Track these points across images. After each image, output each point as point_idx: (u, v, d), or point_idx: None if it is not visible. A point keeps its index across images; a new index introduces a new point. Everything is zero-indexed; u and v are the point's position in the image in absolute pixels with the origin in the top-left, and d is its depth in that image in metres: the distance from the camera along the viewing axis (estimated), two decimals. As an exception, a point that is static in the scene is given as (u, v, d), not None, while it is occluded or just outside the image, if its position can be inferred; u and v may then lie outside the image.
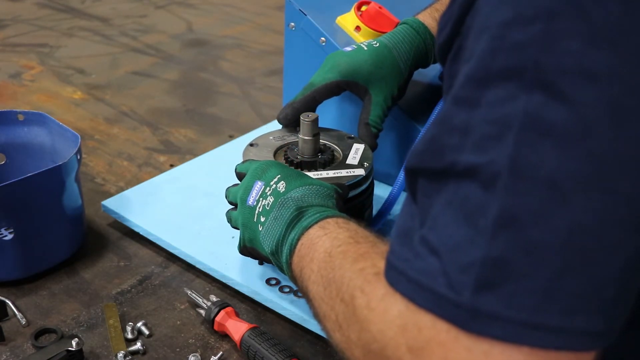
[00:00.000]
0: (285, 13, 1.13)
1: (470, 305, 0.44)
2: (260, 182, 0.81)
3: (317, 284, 0.64)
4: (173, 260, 1.00)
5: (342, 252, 0.63)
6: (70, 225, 0.98)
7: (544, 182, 0.43)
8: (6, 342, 0.85)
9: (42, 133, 1.05)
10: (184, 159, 1.27)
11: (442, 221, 0.47)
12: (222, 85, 1.61)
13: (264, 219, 0.78)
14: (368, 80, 0.97)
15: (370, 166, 0.93)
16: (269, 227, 0.76)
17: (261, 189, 0.80)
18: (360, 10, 1.10)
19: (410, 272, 0.48)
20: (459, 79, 0.48)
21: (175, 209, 1.07)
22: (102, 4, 2.15)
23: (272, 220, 0.76)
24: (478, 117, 0.46)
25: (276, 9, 2.09)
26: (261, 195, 0.80)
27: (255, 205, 0.80)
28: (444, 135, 0.48)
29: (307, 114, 0.93)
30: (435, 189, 0.49)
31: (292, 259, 0.72)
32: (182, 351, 0.85)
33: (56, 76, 1.63)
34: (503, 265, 0.44)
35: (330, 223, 0.70)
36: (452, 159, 0.47)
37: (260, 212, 0.79)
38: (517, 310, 0.44)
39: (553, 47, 0.44)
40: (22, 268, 0.94)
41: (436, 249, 0.47)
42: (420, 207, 0.51)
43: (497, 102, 0.45)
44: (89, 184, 1.18)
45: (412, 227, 0.51)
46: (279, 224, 0.75)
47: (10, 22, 1.98)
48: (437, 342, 0.46)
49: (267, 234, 0.77)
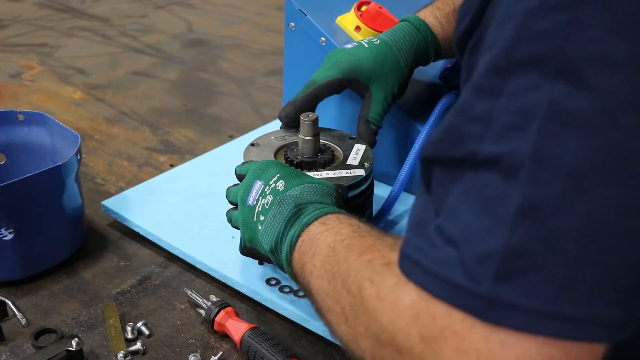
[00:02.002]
0: (285, 13, 1.13)
1: (489, 295, 0.44)
2: (259, 182, 0.81)
3: (320, 278, 0.64)
4: (173, 260, 1.00)
5: (346, 246, 0.62)
6: (70, 225, 0.98)
7: (566, 172, 0.43)
8: (6, 342, 0.85)
9: (42, 133, 1.05)
10: (184, 159, 1.27)
11: (460, 211, 0.47)
12: (222, 85, 1.61)
13: (263, 217, 0.78)
14: (369, 77, 0.96)
15: (370, 167, 0.93)
16: (268, 225, 0.76)
17: (261, 188, 0.81)
18: (360, 10, 1.10)
19: (425, 262, 0.48)
20: (480, 67, 0.48)
21: (175, 209, 1.07)
22: (102, 4, 2.15)
23: (271, 218, 0.76)
24: (500, 107, 0.46)
25: (276, 9, 2.09)
26: (260, 195, 0.80)
27: (255, 205, 0.80)
28: (464, 125, 0.48)
29: (307, 114, 0.93)
30: (452, 179, 0.49)
31: (292, 256, 0.72)
32: (182, 351, 0.85)
33: (56, 76, 1.63)
34: (523, 255, 0.44)
35: (331, 219, 0.70)
36: (472, 148, 0.47)
37: (259, 211, 0.79)
38: (535, 300, 0.44)
39: (578, 36, 0.43)
40: (22, 268, 0.94)
41: (453, 239, 0.47)
42: (435, 197, 0.50)
43: (520, 91, 0.45)
44: (89, 184, 1.18)
45: (427, 217, 0.50)
46: (277, 221, 0.75)
47: (10, 22, 1.98)
48: (451, 331, 0.46)
49: (266, 232, 0.77)
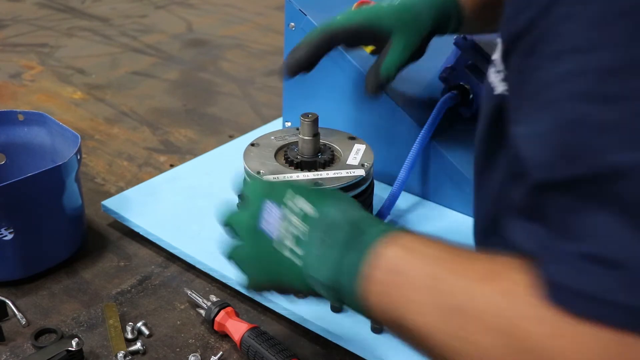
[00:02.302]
0: (285, 13, 1.13)
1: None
2: (271, 203, 0.67)
3: (425, 315, 0.53)
4: (173, 260, 1.00)
5: (452, 272, 0.53)
6: (70, 225, 0.98)
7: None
8: (6, 342, 0.85)
9: (42, 133, 1.05)
10: (184, 159, 1.27)
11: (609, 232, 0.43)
12: (222, 85, 1.61)
13: (303, 249, 0.63)
14: (390, 27, 0.92)
15: (370, 166, 0.93)
16: (316, 256, 0.62)
17: (280, 214, 0.66)
18: (360, 10, 1.10)
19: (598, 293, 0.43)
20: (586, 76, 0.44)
21: (175, 209, 1.07)
22: (102, 4, 2.15)
23: (318, 244, 0.62)
24: (631, 110, 0.42)
25: (276, 9, 2.09)
26: (283, 219, 0.65)
27: (282, 236, 0.65)
28: (586, 138, 0.44)
29: (307, 114, 0.93)
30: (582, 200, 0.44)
31: (361, 287, 0.58)
32: (182, 351, 0.85)
33: (56, 76, 1.63)
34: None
35: (405, 238, 0.58)
36: (606, 160, 0.43)
37: (284, 237, 0.65)
38: None
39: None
40: (22, 268, 0.94)
41: (617, 262, 0.42)
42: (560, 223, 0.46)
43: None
44: (89, 184, 1.18)
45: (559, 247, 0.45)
46: (330, 247, 0.61)
47: (10, 22, 1.98)
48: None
49: (313, 263, 0.62)
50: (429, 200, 1.09)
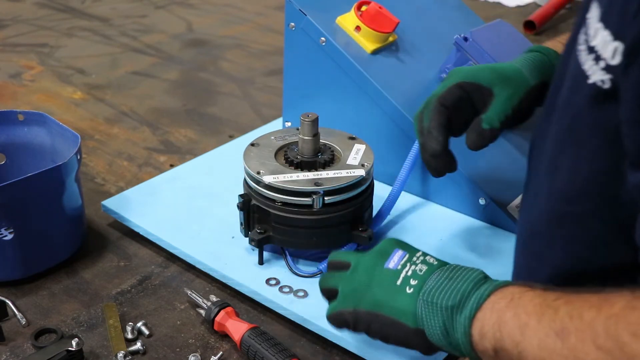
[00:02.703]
0: (285, 13, 1.13)
1: None
2: (400, 251, 0.74)
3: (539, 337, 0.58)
4: (173, 260, 1.00)
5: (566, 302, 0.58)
6: (70, 225, 0.98)
7: None
8: (6, 342, 0.85)
9: (42, 133, 1.05)
10: (184, 159, 1.27)
11: None
12: (222, 85, 1.61)
13: (416, 282, 0.70)
14: (491, 81, 0.86)
15: (370, 166, 0.93)
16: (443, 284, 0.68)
17: (404, 257, 0.73)
18: (360, 10, 1.10)
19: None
20: None
21: (175, 209, 1.06)
22: (102, 4, 2.15)
23: (446, 279, 0.68)
24: None
25: (276, 9, 2.09)
26: (408, 261, 0.72)
27: (400, 270, 0.71)
28: None
29: (307, 114, 0.93)
30: None
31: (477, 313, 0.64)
32: (182, 351, 0.85)
33: (56, 76, 1.63)
34: None
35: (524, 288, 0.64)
36: None
37: (409, 276, 0.71)
38: None
39: None
40: (22, 268, 0.94)
41: None
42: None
43: None
44: (89, 184, 1.18)
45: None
46: (461, 281, 0.67)
47: (10, 22, 1.98)
48: None
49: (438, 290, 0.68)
50: (429, 200, 1.09)
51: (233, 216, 0.97)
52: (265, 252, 0.95)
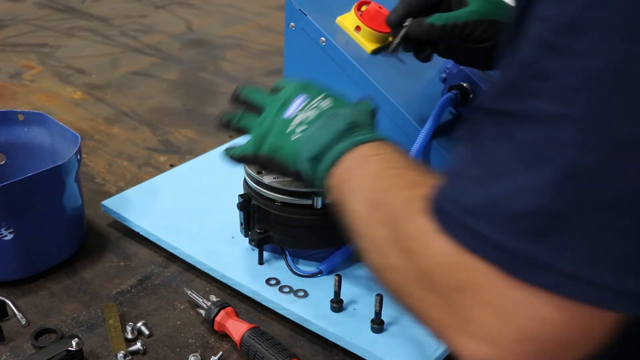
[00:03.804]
0: (285, 13, 1.13)
1: (521, 252, 0.45)
2: (303, 96, 0.79)
3: (358, 203, 0.63)
4: (173, 260, 1.00)
5: (392, 176, 0.63)
6: (70, 225, 0.98)
7: (618, 141, 0.43)
8: (6, 342, 0.85)
9: (42, 133, 1.05)
10: (184, 159, 1.27)
11: (505, 167, 0.47)
12: (222, 85, 1.61)
13: (303, 128, 0.76)
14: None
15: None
16: (313, 135, 0.74)
17: (303, 102, 0.78)
18: (360, 10, 1.10)
19: (459, 216, 0.48)
20: (550, 22, 0.46)
21: (175, 209, 1.07)
22: (102, 4, 2.15)
23: (318, 129, 0.74)
24: (565, 66, 0.45)
25: (276, 9, 2.09)
26: (302, 110, 0.78)
27: (293, 117, 0.78)
28: (526, 80, 0.47)
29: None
30: (502, 133, 0.48)
31: (333, 168, 0.70)
32: (182, 351, 0.85)
33: (56, 76, 1.63)
34: (559, 217, 0.44)
35: (384, 146, 0.69)
36: (531, 105, 0.46)
37: (299, 123, 0.77)
38: (565, 262, 0.44)
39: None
40: (22, 268, 0.94)
41: (491, 194, 0.47)
42: (483, 149, 0.49)
43: (585, 53, 0.44)
44: (89, 184, 1.18)
45: (468, 168, 0.50)
46: (326, 132, 0.73)
47: (10, 22, 1.98)
48: (479, 283, 0.47)
49: (307, 141, 0.74)
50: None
51: (233, 216, 0.97)
52: (265, 252, 0.96)
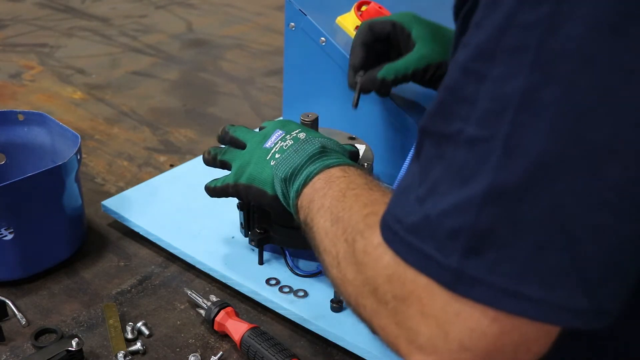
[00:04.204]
0: (285, 13, 1.13)
1: (456, 268, 0.47)
2: (280, 130, 0.84)
3: (324, 219, 0.67)
4: (173, 260, 1.00)
5: (355, 195, 0.66)
6: (70, 225, 0.98)
7: (533, 162, 0.45)
8: (6, 342, 0.85)
9: (42, 133, 1.05)
10: (184, 159, 1.27)
11: (439, 186, 0.49)
12: (222, 85, 1.61)
13: (279, 155, 0.80)
14: (420, 36, 0.94)
15: (370, 166, 0.93)
16: (286, 158, 0.79)
17: (281, 135, 0.83)
18: (360, 10, 1.10)
19: (402, 233, 0.51)
20: (470, 48, 0.49)
21: (175, 209, 1.07)
22: (102, 4, 2.15)
23: (292, 152, 0.78)
24: (483, 91, 0.47)
25: (276, 9, 2.09)
26: (281, 139, 0.83)
27: (272, 147, 0.82)
28: (454, 104, 0.50)
29: (307, 114, 0.93)
30: (438, 154, 0.51)
31: (303, 189, 0.74)
32: (182, 351, 0.85)
33: (56, 76, 1.63)
34: (489, 234, 0.46)
35: (351, 169, 0.74)
36: (459, 127, 0.49)
37: (276, 151, 0.81)
38: (497, 277, 0.46)
39: (556, 30, 0.44)
40: (22, 268, 0.94)
41: (429, 213, 0.49)
42: (423, 168, 0.52)
43: (501, 78, 0.46)
44: (89, 184, 1.18)
45: (412, 186, 0.52)
46: (299, 155, 0.77)
47: (10, 22, 1.98)
48: (417, 296, 0.50)
49: (282, 162, 0.79)
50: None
51: (233, 216, 0.97)
52: (265, 252, 0.96)
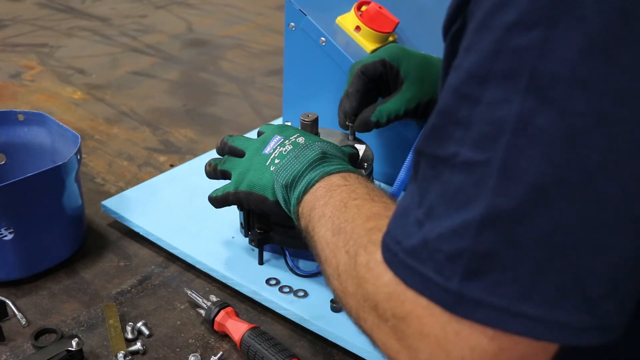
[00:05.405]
0: (285, 13, 1.13)
1: (456, 290, 0.47)
2: (279, 136, 0.84)
3: (325, 228, 0.67)
4: (173, 260, 1.00)
5: (357, 206, 0.66)
6: (70, 225, 0.98)
7: (530, 186, 0.45)
8: (6, 342, 0.85)
9: (42, 133, 1.05)
10: (184, 159, 1.27)
11: (437, 209, 0.50)
12: (222, 85, 1.61)
13: (279, 160, 0.80)
14: (408, 73, 0.95)
15: (370, 166, 0.93)
16: (287, 164, 0.79)
17: (280, 140, 0.83)
18: (360, 10, 1.10)
19: (402, 255, 0.51)
20: (461, 72, 0.49)
21: (175, 209, 1.07)
22: (102, 4, 2.15)
23: (292, 158, 0.78)
24: (478, 115, 0.48)
25: (276, 9, 2.09)
26: (279, 145, 0.82)
27: (271, 153, 0.82)
28: (449, 127, 0.50)
29: (307, 114, 0.93)
30: (434, 175, 0.51)
31: (304, 196, 0.74)
32: (182, 351, 0.85)
33: (56, 76, 1.63)
34: (488, 257, 0.46)
35: (352, 177, 0.74)
36: (454, 150, 0.49)
37: (275, 157, 0.81)
38: (497, 297, 0.46)
39: (549, 55, 0.45)
40: (22, 268, 0.94)
41: (427, 236, 0.49)
42: (420, 189, 0.52)
43: (495, 103, 0.47)
44: (89, 184, 1.18)
45: (410, 208, 0.53)
46: (299, 162, 0.77)
47: (10, 22, 1.98)
48: (417, 315, 0.50)
49: (283, 168, 0.79)
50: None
51: (233, 216, 0.97)
52: (265, 252, 0.96)
